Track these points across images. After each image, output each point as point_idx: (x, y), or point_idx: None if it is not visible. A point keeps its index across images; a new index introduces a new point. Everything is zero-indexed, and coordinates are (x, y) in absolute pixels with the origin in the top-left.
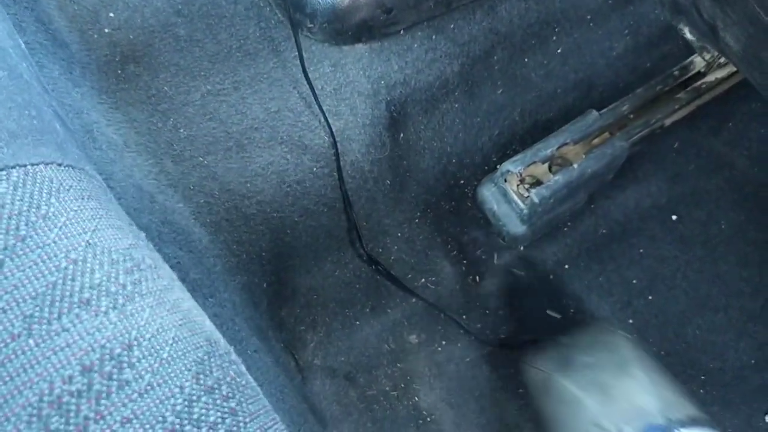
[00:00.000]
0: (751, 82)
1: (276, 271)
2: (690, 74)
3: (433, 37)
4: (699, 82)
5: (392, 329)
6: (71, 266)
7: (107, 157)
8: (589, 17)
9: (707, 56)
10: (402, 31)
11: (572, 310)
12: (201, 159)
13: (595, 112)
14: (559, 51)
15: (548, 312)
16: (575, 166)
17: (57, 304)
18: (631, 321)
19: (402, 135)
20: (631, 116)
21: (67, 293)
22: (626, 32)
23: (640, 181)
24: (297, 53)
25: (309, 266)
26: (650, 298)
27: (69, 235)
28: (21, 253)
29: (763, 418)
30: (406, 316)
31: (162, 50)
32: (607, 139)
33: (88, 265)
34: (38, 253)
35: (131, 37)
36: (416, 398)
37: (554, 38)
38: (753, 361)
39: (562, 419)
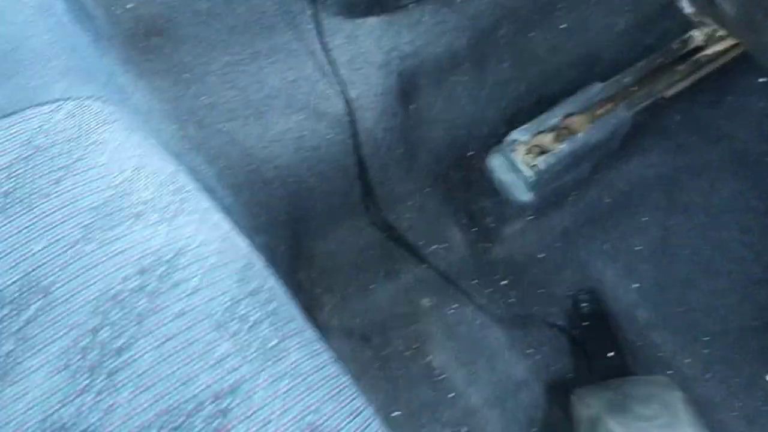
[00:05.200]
0: (748, 52)
1: (293, 235)
2: (689, 48)
3: (442, 10)
4: (698, 55)
5: (405, 293)
6: (123, 185)
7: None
8: None
9: (706, 30)
10: (412, 5)
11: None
12: (222, 125)
13: (599, 84)
14: (563, 27)
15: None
16: (580, 135)
17: (111, 216)
18: (635, 286)
19: (413, 106)
20: (634, 88)
21: (121, 207)
22: (627, 9)
23: (643, 152)
24: (312, 26)
25: (325, 231)
26: (654, 263)
27: (118, 159)
28: (77, 172)
29: (764, 377)
30: (418, 281)
31: (183, 24)
32: (610, 109)
33: (138, 184)
34: (92, 173)
35: (153, 11)
36: (429, 357)
37: (558, 14)
38: (755, 324)
39: None
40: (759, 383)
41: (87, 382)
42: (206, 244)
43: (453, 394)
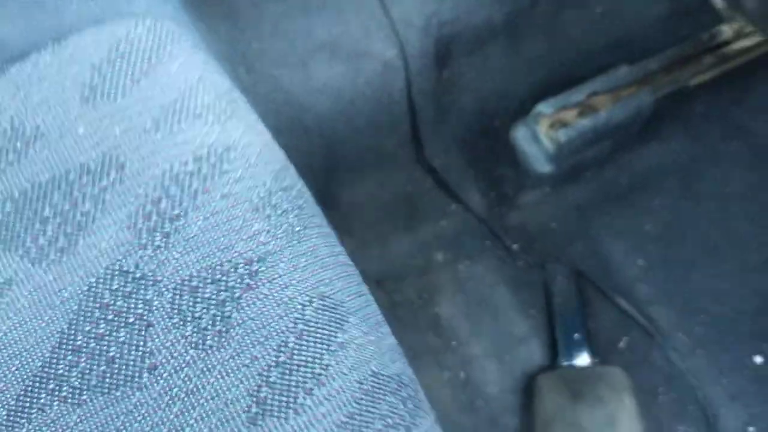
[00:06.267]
0: None
1: (324, 182)
2: (718, 41)
3: None
4: (725, 49)
5: (421, 246)
6: (188, 90)
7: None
8: None
9: (735, 25)
10: None
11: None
12: (270, 71)
13: (625, 66)
14: (598, 10)
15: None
16: (602, 112)
17: (177, 113)
18: (640, 262)
19: (446, 71)
20: (659, 74)
21: (185, 107)
22: None
23: (663, 139)
24: None
25: (353, 182)
26: (661, 243)
27: (186, 70)
28: (152, 76)
29: (752, 358)
30: (435, 236)
31: None
32: (634, 92)
33: (200, 91)
34: (164, 78)
35: None
36: (437, 308)
37: None
38: (750, 308)
39: None
40: (747, 363)
41: (148, 239)
42: (250, 146)
43: (455, 343)
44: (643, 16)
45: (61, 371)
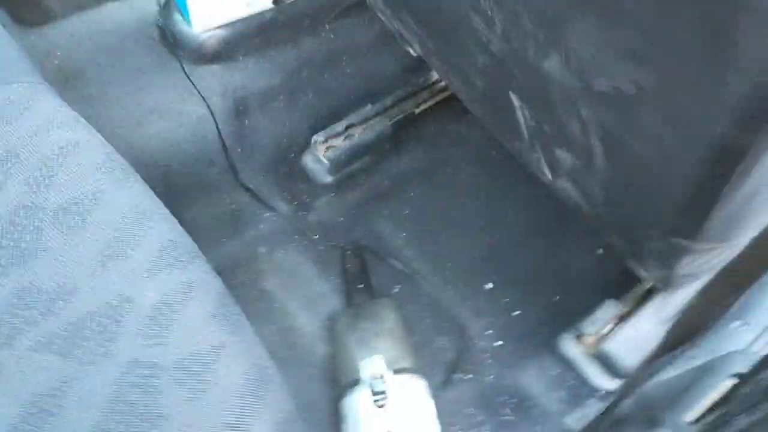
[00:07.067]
0: None
1: (167, 205)
2: (431, 81)
3: (260, 60)
4: (436, 86)
5: (247, 245)
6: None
7: None
8: (367, 50)
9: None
10: (241, 57)
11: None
12: (113, 130)
13: (370, 105)
14: (348, 71)
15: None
16: (357, 136)
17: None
18: (403, 235)
19: (247, 121)
20: (393, 107)
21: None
22: (396, 58)
23: (409, 151)
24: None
25: (189, 203)
26: (416, 221)
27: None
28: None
29: (483, 286)
30: (256, 237)
31: (90, 73)
32: (376, 121)
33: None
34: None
35: (72, 65)
36: (263, 285)
37: (345, 61)
38: (480, 256)
39: (339, 364)
40: (482, 290)
41: None
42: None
43: (277, 305)
44: (380, 71)
45: None
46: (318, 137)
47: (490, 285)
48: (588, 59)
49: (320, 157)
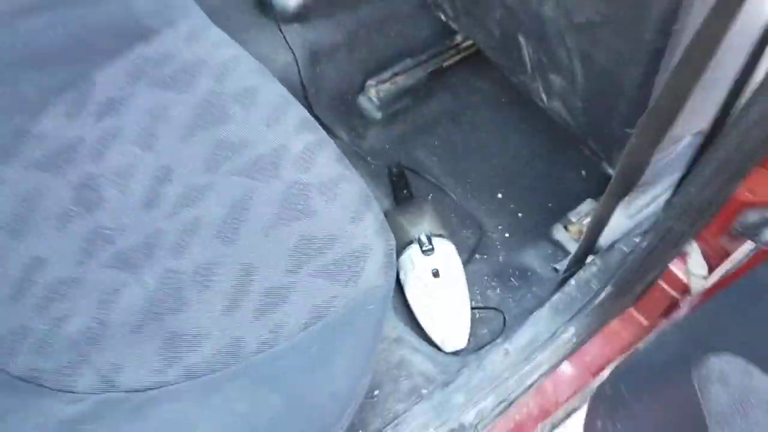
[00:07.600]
0: None
1: None
2: (456, 42)
3: (329, 21)
4: (460, 46)
5: None
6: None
7: None
8: (407, 17)
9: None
10: (315, 18)
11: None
12: None
13: (409, 59)
14: (392, 34)
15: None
16: (400, 82)
17: None
18: (434, 159)
19: (318, 70)
20: (427, 61)
21: None
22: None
23: (438, 96)
24: (270, 30)
25: None
26: (445, 149)
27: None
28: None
29: (496, 195)
30: None
31: None
32: (414, 72)
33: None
34: None
35: None
36: None
37: (396, 25)
38: (494, 173)
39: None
40: (495, 198)
41: None
42: None
43: None
44: (418, 33)
45: None
46: (370, 82)
47: (500, 195)
48: (571, 1)
49: (372, 98)
